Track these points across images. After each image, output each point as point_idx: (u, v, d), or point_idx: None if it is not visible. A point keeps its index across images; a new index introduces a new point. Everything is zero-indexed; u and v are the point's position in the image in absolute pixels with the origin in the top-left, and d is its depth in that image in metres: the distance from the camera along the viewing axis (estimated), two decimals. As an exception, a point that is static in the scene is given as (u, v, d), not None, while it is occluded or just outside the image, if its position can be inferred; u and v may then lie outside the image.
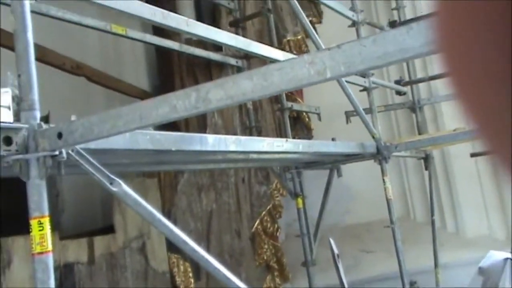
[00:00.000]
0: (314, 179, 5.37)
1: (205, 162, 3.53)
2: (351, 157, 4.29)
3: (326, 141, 3.91)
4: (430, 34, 0.35)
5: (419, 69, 6.66)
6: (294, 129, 6.05)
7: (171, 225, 2.01)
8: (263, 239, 5.80)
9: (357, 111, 4.17)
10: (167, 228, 2.00)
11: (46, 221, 1.74)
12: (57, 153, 1.78)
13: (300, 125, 6.61)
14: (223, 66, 5.64)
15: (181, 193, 5.13)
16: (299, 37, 6.88)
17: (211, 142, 2.49)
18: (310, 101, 6.27)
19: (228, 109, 5.52)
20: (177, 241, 2.02)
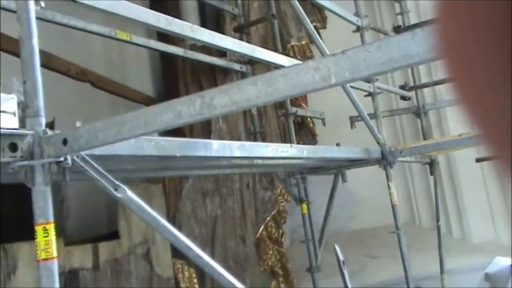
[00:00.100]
0: (318, 184, 5.36)
1: (210, 167, 3.53)
2: (355, 163, 4.28)
3: (331, 146, 3.91)
4: (431, 36, 0.34)
5: (423, 74, 6.65)
6: (298, 134, 6.04)
7: (175, 231, 2.01)
8: (268, 244, 5.78)
9: (361, 116, 4.16)
10: (172, 234, 2.00)
11: (51, 228, 1.74)
12: (62, 159, 1.78)
13: (305, 130, 6.61)
14: (227, 71, 5.65)
15: (186, 199, 5.13)
16: (303, 42, 6.89)
17: (216, 147, 2.49)
18: (315, 107, 6.26)
19: (233, 114, 5.52)
20: (182, 247, 2.02)
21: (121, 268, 4.35)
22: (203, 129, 5.39)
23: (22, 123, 1.95)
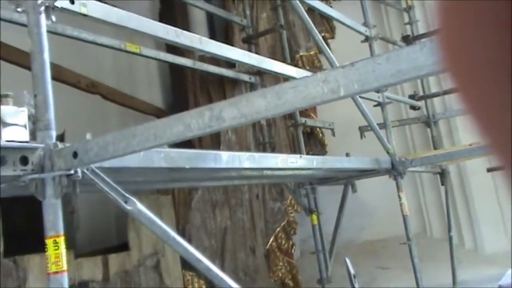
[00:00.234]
0: (329, 195, 5.34)
1: (219, 179, 3.52)
2: (365, 173, 4.26)
3: (340, 157, 3.89)
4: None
5: (433, 83, 6.62)
6: (307, 144, 6.03)
7: (185, 243, 2.01)
8: (278, 256, 5.75)
9: (371, 126, 4.14)
10: (182, 247, 2.00)
11: (61, 241, 1.75)
12: (72, 172, 1.79)
13: (314, 140, 6.59)
14: (236, 82, 5.67)
15: (195, 210, 5.13)
16: (311, 52, 6.90)
17: (225, 159, 2.49)
18: (324, 117, 6.26)
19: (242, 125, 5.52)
20: (192, 259, 2.01)
21: (131, 280, 4.34)
22: (212, 140, 5.39)
23: (33, 136, 1.96)
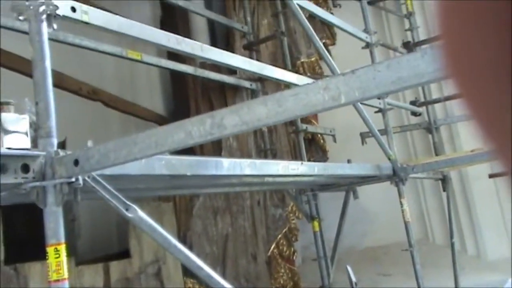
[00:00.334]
0: (330, 201, 5.33)
1: (220, 185, 3.52)
2: (367, 179, 4.25)
3: (342, 163, 3.88)
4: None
5: (434, 89, 6.63)
6: (309, 151, 6.03)
7: (186, 251, 2.00)
8: (280, 263, 5.74)
9: (372, 132, 4.14)
10: (183, 254, 1.99)
11: (62, 248, 1.74)
12: (73, 180, 1.79)
13: (315, 147, 6.59)
14: (237, 89, 5.68)
15: (197, 217, 5.12)
16: (312, 59, 6.90)
17: (226, 166, 2.48)
18: (325, 123, 6.26)
19: (243, 132, 5.52)
20: (193, 266, 2.01)
21: None
22: (214, 146, 5.39)
23: (34, 143, 1.96)
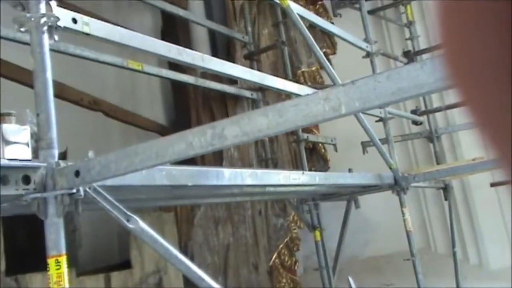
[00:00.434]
0: (332, 210, 5.32)
1: (222, 195, 3.52)
2: (368, 189, 4.25)
3: (343, 172, 3.88)
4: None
5: (435, 98, 6.64)
6: (310, 160, 6.03)
7: (188, 262, 2.00)
8: (281, 272, 5.71)
9: (373, 141, 4.14)
10: (184, 265, 1.98)
11: (63, 260, 1.74)
12: (74, 191, 1.79)
13: (316, 156, 6.59)
14: (238, 98, 5.69)
15: (198, 227, 5.11)
16: (313, 68, 6.92)
17: (228, 176, 2.48)
18: (326, 132, 6.26)
19: (244, 141, 5.52)
20: (194, 277, 2.00)
21: (133, 298, 4.31)
22: (215, 156, 5.39)
23: (35, 154, 1.96)
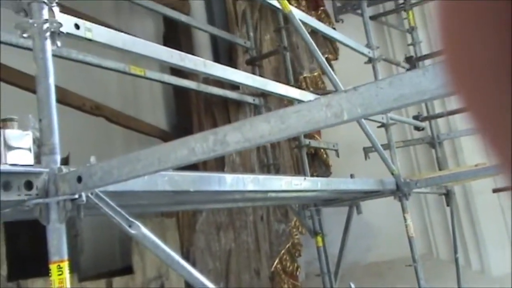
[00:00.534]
0: (334, 215, 5.31)
1: (224, 201, 3.52)
2: (370, 194, 4.24)
3: (345, 178, 3.88)
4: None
5: (437, 104, 6.63)
6: (312, 165, 6.02)
7: (189, 267, 1.99)
8: (283, 278, 5.70)
9: (375, 147, 4.14)
10: (186, 270, 1.98)
11: (65, 265, 1.74)
12: (76, 196, 1.79)
13: (318, 161, 6.58)
14: (240, 104, 5.69)
15: (200, 232, 5.10)
16: (315, 73, 6.93)
17: (229, 181, 2.48)
18: (328, 138, 6.26)
19: (246, 146, 5.52)
20: (196, 283, 2.00)
21: (134, 303, 4.30)
22: (217, 162, 5.39)
23: (37, 159, 1.97)
